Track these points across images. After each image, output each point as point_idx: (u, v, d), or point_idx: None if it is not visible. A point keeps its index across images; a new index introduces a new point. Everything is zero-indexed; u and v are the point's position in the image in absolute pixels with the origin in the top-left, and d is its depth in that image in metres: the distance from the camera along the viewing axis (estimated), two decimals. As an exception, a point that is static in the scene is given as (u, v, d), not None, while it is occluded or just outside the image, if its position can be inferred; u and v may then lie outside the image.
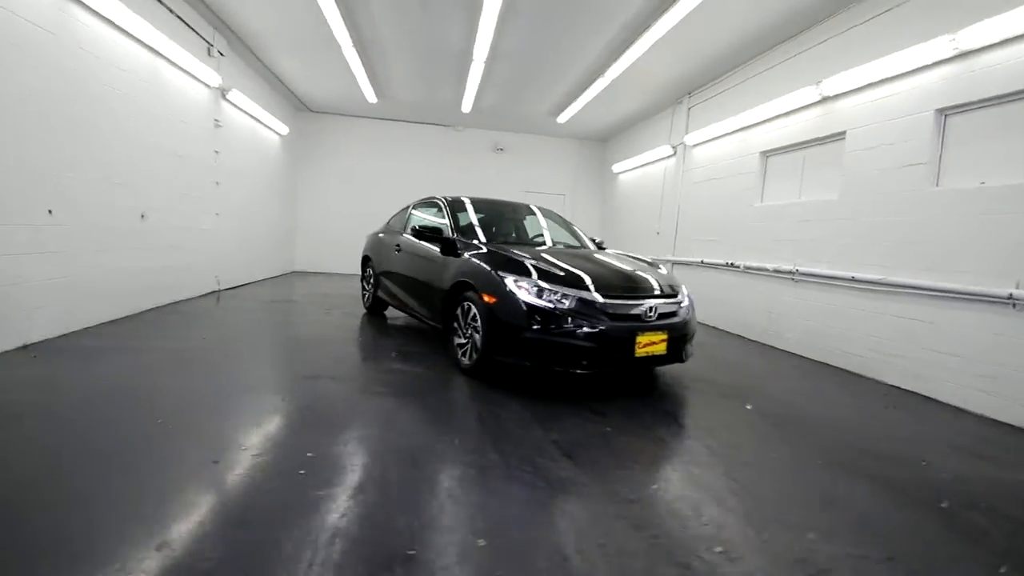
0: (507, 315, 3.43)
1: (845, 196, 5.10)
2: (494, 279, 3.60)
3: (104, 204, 4.71)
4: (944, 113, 4.20)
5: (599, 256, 4.41)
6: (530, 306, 3.38)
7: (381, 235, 6.13)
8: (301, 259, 11.39)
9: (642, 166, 9.94)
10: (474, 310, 3.73)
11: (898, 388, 4.34)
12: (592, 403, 3.43)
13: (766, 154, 6.39)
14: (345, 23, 6.03)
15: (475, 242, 4.31)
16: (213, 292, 7.12)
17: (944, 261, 4.12)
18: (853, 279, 4.85)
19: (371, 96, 9.11)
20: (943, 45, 4.03)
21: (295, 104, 10.45)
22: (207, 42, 6.45)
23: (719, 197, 7.23)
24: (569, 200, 12.13)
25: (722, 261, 6.95)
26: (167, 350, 4.06)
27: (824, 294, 5.26)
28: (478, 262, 3.87)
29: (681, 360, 3.80)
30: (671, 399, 3.73)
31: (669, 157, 8.78)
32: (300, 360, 4.20)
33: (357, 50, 6.89)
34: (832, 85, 5.14)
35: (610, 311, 3.44)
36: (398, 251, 5.36)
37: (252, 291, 7.80)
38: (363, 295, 6.59)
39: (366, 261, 6.48)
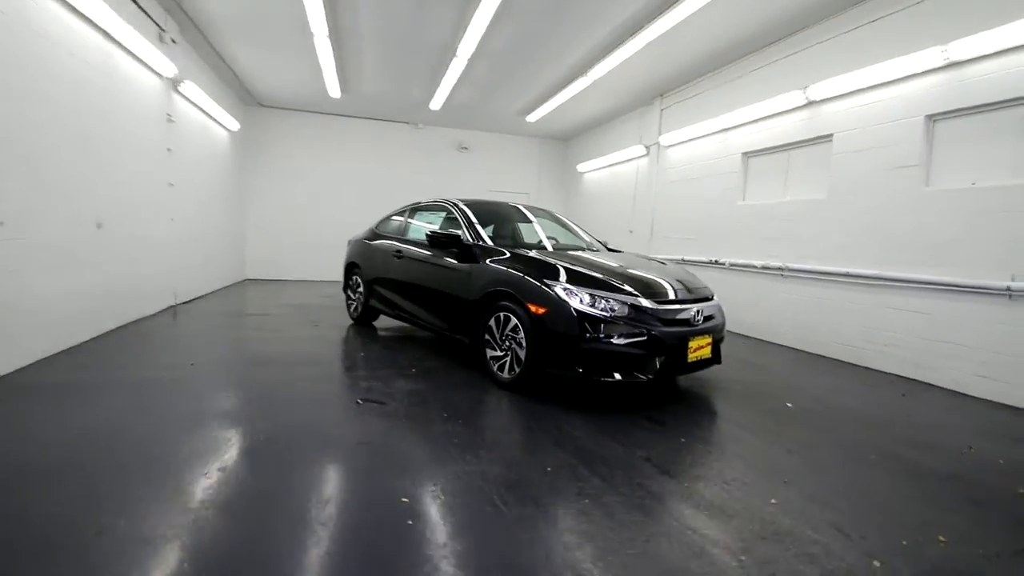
0: (560, 325, 3.28)
1: (834, 195, 5.38)
2: (540, 288, 3.43)
3: (54, 213, 4.02)
4: (933, 119, 4.53)
5: (629, 258, 4.38)
6: (582, 314, 3.24)
7: (371, 241, 5.74)
8: (253, 266, 10.51)
9: (611, 165, 10.06)
10: (514, 321, 3.54)
11: (900, 376, 4.65)
12: (646, 412, 3.36)
13: (748, 155, 6.64)
14: (325, 9, 5.55)
15: (498, 248, 4.10)
16: (170, 307, 6.37)
17: (938, 256, 4.44)
18: (847, 274, 5.13)
19: (334, 90, 8.53)
20: (935, 55, 4.33)
21: (244, 98, 9.59)
22: (158, 26, 5.71)
23: (699, 196, 7.44)
24: (533, 199, 12.06)
25: (704, 258, 7.16)
26: (142, 384, 3.53)
27: (815, 289, 5.54)
28: (515, 270, 3.68)
29: (719, 362, 3.83)
30: (713, 401, 3.74)
31: (642, 157, 8.93)
32: (332, 384, 3.80)
33: (332, 39, 6.39)
34: (819, 90, 5.41)
35: (662, 316, 3.38)
36: (398, 257, 5.02)
37: (214, 304, 7.06)
38: (348, 305, 6.15)
39: (351, 269, 6.06)
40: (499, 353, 3.71)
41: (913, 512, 2.27)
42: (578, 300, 3.30)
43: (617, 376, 3.23)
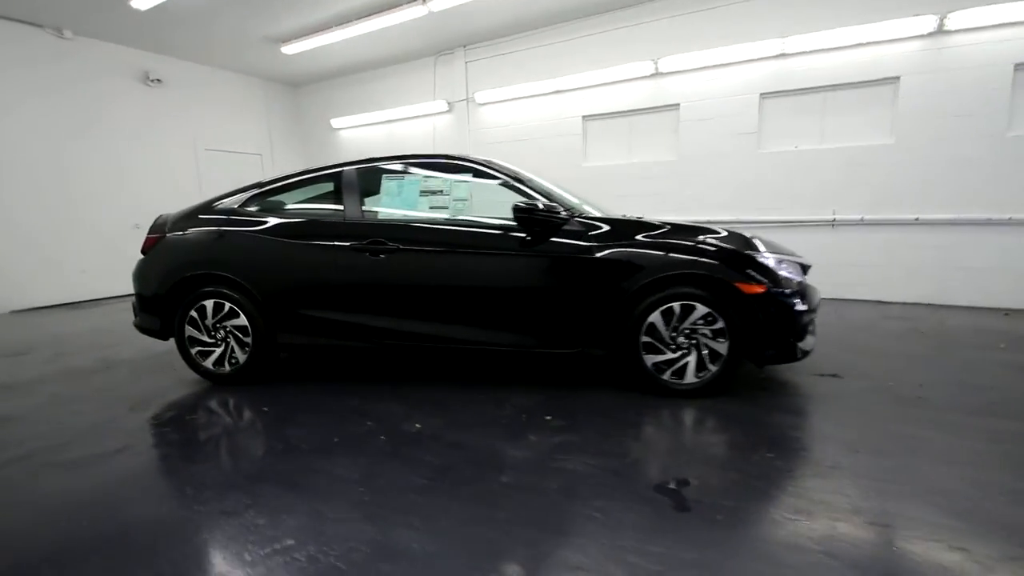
0: (783, 301, 2.79)
1: (683, 156, 6.38)
2: (753, 262, 2.80)
3: None
4: (764, 96, 5.92)
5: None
6: (800, 284, 2.89)
7: (264, 230, 3.19)
8: None
9: (388, 122, 8.64)
10: (701, 310, 2.79)
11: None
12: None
13: (588, 118, 6.98)
14: None
15: (598, 219, 3.05)
16: None
17: (774, 202, 5.97)
18: (706, 222, 6.27)
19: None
20: (773, 45, 5.62)
21: None
22: None
23: (532, 158, 7.36)
24: (268, 162, 9.18)
25: (548, 220, 7.27)
26: None
27: (674, 237, 6.54)
28: (694, 244, 2.85)
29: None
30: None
31: (441, 113, 8.05)
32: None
33: None
34: (670, 63, 6.16)
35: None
36: (380, 253, 2.99)
37: None
38: (192, 352, 3.28)
39: (194, 283, 3.25)
40: (672, 355, 2.87)
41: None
42: (785, 269, 2.89)
43: (807, 348, 3.02)
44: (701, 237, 2.93)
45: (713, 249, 2.84)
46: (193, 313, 3.25)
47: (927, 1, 4.96)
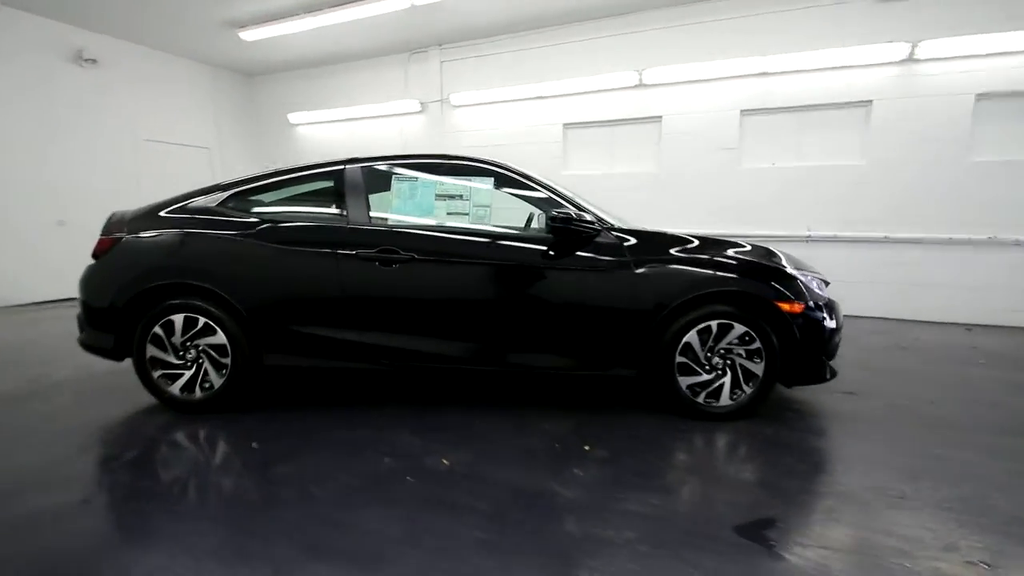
0: (818, 320, 2.71)
1: (663, 169, 6.39)
2: (789, 279, 2.70)
3: None
4: (744, 113, 6.02)
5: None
6: (829, 301, 2.83)
7: (250, 235, 2.75)
8: None
9: (351, 120, 8.14)
10: (739, 329, 2.66)
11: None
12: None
13: (569, 126, 6.85)
14: None
15: (628, 230, 2.87)
16: None
17: (754, 216, 6.08)
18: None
19: None
20: (754, 63, 5.73)
21: None
22: None
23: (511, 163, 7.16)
24: (216, 157, 8.40)
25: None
26: None
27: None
28: (727, 258, 2.73)
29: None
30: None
31: (413, 114, 7.67)
32: None
33: None
34: (653, 75, 6.16)
35: None
36: (392, 263, 2.65)
37: None
38: (154, 375, 2.77)
39: (163, 294, 2.75)
40: (707, 377, 2.73)
41: None
42: (815, 284, 2.82)
43: (835, 368, 2.97)
44: (731, 252, 2.83)
45: (751, 266, 2.74)
46: (158, 330, 2.75)
47: (901, 29, 5.22)
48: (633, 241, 2.79)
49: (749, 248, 2.89)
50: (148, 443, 2.51)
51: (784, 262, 2.83)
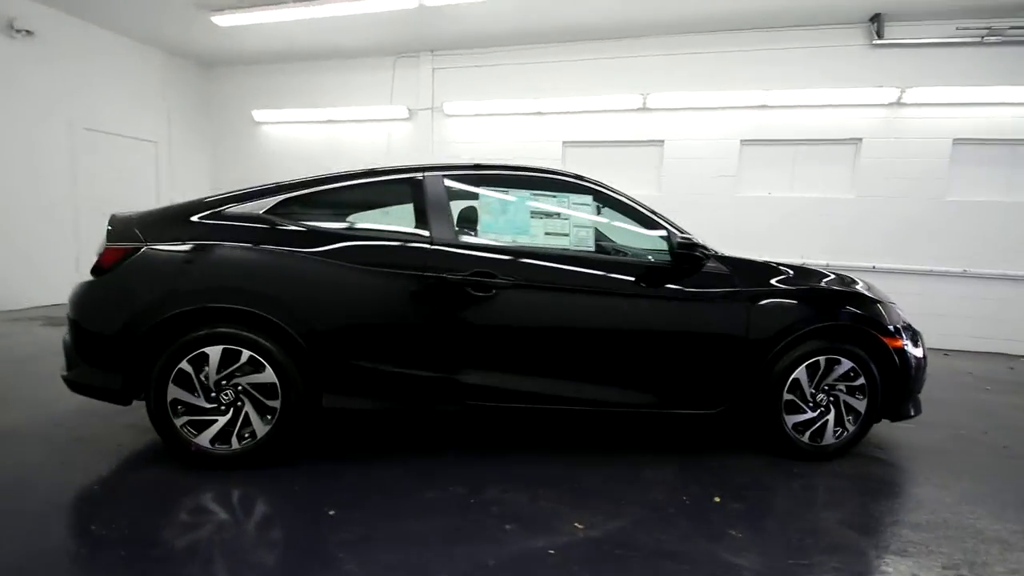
0: (917, 355, 2.68)
1: (664, 192, 6.40)
2: (893, 312, 2.65)
3: None
4: (744, 143, 6.18)
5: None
6: (916, 333, 2.80)
7: (297, 247, 2.27)
8: None
9: (330, 122, 7.52)
10: (846, 365, 2.57)
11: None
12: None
13: (568, 144, 6.72)
14: None
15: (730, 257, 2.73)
16: None
17: (746, 243, 6.19)
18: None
19: None
20: (756, 95, 5.91)
21: None
22: None
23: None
24: (164, 152, 7.42)
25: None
26: None
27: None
28: (834, 287, 2.68)
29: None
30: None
31: (399, 120, 7.21)
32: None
33: None
34: (657, 99, 6.19)
35: None
36: (507, 287, 2.31)
37: None
38: (176, 421, 2.18)
39: (195, 321, 2.19)
40: (812, 415, 2.59)
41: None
42: (903, 315, 2.79)
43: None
44: (824, 282, 2.76)
45: (857, 298, 2.67)
46: (185, 365, 2.19)
47: (890, 75, 5.60)
48: (733, 269, 2.64)
49: (833, 277, 2.84)
50: (174, 517, 1.95)
51: (881, 295, 2.80)
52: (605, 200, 2.67)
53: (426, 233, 2.41)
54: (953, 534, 2.02)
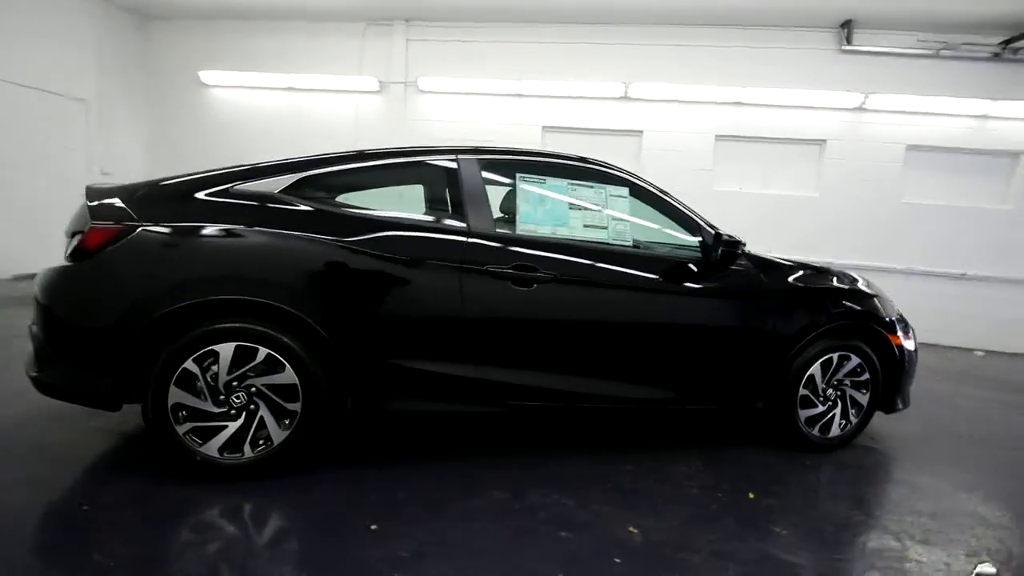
0: (913, 351, 2.85)
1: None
2: (895, 310, 2.78)
3: None
4: (718, 138, 6.31)
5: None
6: (910, 328, 2.97)
7: (321, 233, 2.03)
8: None
9: (290, 89, 6.94)
10: (854, 361, 2.68)
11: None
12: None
13: (549, 129, 6.59)
14: None
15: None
16: None
17: (720, 236, 6.41)
18: (663, 249, 6.46)
19: None
20: (733, 92, 6.04)
21: None
22: None
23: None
24: (94, 111, 6.57)
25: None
26: None
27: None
28: (843, 285, 2.79)
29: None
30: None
31: (371, 93, 6.78)
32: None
33: None
34: (638, 89, 6.19)
35: None
36: (549, 281, 2.20)
37: None
38: (178, 428, 1.91)
39: (201, 314, 1.91)
40: (822, 409, 2.70)
41: None
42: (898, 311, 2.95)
43: None
44: (836, 280, 2.88)
45: (866, 296, 2.79)
46: (190, 365, 1.92)
47: (856, 80, 5.89)
48: (760, 266, 2.69)
49: (839, 275, 2.97)
50: (189, 547, 1.72)
51: (877, 288, 2.94)
52: (640, 193, 2.61)
53: (463, 221, 2.25)
54: (962, 521, 2.18)
